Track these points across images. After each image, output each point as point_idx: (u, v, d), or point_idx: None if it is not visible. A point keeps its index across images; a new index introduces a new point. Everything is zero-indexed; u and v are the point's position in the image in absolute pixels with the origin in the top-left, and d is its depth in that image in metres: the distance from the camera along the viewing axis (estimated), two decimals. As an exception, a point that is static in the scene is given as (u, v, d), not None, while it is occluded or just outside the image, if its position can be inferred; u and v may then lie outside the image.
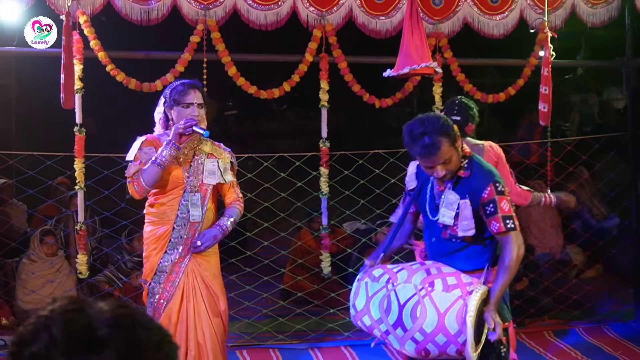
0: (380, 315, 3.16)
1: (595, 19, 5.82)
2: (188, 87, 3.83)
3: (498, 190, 3.19)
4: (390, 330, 3.13)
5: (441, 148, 3.15)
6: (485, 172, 3.26)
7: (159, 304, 3.82)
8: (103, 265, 6.07)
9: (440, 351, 3.05)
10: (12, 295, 5.79)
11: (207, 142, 3.93)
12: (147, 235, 3.89)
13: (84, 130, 5.04)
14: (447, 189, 3.29)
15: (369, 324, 3.23)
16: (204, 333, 3.80)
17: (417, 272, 3.16)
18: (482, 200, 3.19)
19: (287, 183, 5.75)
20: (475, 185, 3.22)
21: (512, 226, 3.18)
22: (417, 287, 3.09)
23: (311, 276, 6.09)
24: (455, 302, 3.01)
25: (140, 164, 3.75)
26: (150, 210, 3.89)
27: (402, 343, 3.10)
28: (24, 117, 9.03)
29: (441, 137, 3.15)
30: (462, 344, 2.99)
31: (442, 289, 3.05)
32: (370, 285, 3.25)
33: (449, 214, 3.26)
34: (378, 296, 3.19)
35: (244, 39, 5.66)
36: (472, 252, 3.29)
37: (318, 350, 5.39)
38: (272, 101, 10.65)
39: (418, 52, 4.51)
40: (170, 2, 5.09)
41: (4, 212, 6.11)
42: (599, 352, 5.41)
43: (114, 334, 1.08)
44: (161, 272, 3.82)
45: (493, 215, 3.17)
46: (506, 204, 3.19)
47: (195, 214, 3.82)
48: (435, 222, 3.34)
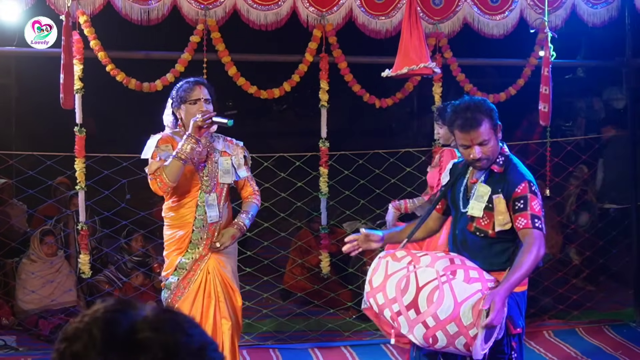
0: (395, 294, 3.10)
1: (595, 19, 5.82)
2: (193, 83, 3.84)
3: (532, 190, 3.20)
4: (402, 311, 3.07)
5: (482, 125, 3.21)
6: (521, 170, 3.28)
7: (174, 299, 3.86)
8: (103, 265, 6.07)
9: (449, 341, 3.01)
10: (12, 295, 5.79)
11: (219, 139, 3.93)
12: (167, 238, 3.91)
13: (84, 130, 5.04)
14: (479, 182, 3.30)
15: (381, 302, 3.16)
16: (222, 330, 3.82)
17: (441, 259, 3.13)
18: (514, 195, 3.19)
19: (287, 183, 5.75)
20: (510, 180, 3.23)
21: (539, 226, 3.15)
22: (439, 272, 3.05)
23: (311, 276, 6.10)
24: (474, 294, 2.98)
25: (160, 161, 3.74)
26: (168, 214, 3.90)
27: (412, 326, 3.05)
28: (24, 117, 9.02)
29: (484, 116, 3.22)
30: (472, 338, 2.95)
31: (463, 279, 3.02)
32: (391, 264, 3.20)
33: (478, 205, 3.26)
34: (397, 275, 3.14)
35: (244, 39, 5.66)
36: (494, 252, 3.27)
37: (318, 350, 5.39)
38: (272, 101, 10.65)
39: (417, 52, 4.51)
40: (170, 2, 5.09)
41: (4, 212, 6.11)
42: (599, 352, 5.41)
43: (153, 338, 1.06)
44: (181, 269, 3.85)
45: (522, 212, 3.17)
46: (537, 205, 3.18)
47: (212, 214, 3.83)
48: (464, 214, 3.34)
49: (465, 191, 3.37)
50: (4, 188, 6.36)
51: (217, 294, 3.83)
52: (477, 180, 3.32)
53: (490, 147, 3.24)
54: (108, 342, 1.06)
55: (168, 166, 3.69)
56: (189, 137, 3.69)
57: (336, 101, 5.63)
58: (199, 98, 3.80)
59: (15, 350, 5.32)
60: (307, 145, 5.93)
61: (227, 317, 3.83)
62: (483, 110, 3.24)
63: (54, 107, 5.12)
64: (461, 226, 3.36)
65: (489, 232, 3.26)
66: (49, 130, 8.76)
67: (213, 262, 3.86)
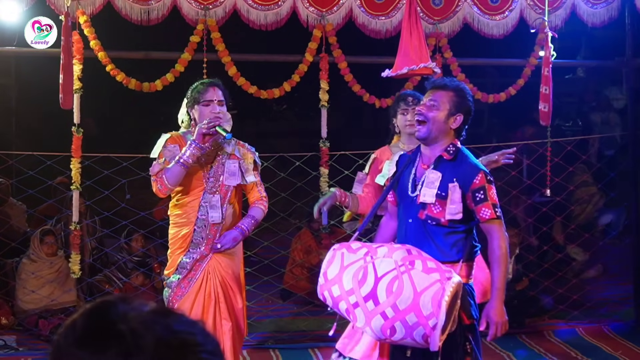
0: (352, 286, 3.07)
1: (595, 19, 5.82)
2: (207, 85, 3.85)
3: (487, 179, 3.24)
4: (360, 303, 3.04)
5: (444, 91, 3.29)
6: (473, 161, 3.31)
7: (174, 298, 3.86)
8: (103, 265, 6.07)
9: (407, 332, 2.98)
10: (12, 295, 5.79)
11: (229, 142, 3.93)
12: (172, 236, 3.93)
13: (81, 130, 5.04)
14: (429, 168, 3.30)
15: (336, 295, 3.12)
16: (222, 331, 3.83)
17: (398, 250, 3.12)
18: (472, 187, 3.21)
19: (287, 183, 5.75)
20: (465, 171, 3.25)
21: (500, 214, 3.24)
22: (398, 262, 3.03)
23: (311, 276, 6.09)
24: (433, 284, 2.96)
25: (164, 163, 3.77)
26: (174, 212, 3.92)
27: (370, 317, 3.02)
28: (24, 117, 9.03)
29: (450, 90, 3.29)
30: (432, 328, 2.93)
31: (422, 269, 3.01)
32: (347, 256, 3.16)
33: (430, 192, 3.26)
34: (354, 267, 3.11)
35: (244, 39, 5.66)
36: (446, 242, 3.26)
37: (318, 350, 5.39)
38: (272, 101, 10.64)
39: (416, 52, 4.51)
40: (170, 2, 5.09)
41: (3, 212, 6.11)
42: (599, 352, 5.41)
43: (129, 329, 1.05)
44: (182, 269, 3.86)
45: (483, 202, 3.21)
46: (494, 193, 3.25)
47: (214, 215, 3.83)
48: (414, 201, 3.32)
49: (414, 177, 3.36)
50: (1, 188, 6.36)
51: (217, 295, 3.84)
52: (427, 166, 3.33)
53: (438, 117, 3.26)
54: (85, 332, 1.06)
55: (170, 170, 3.71)
56: (192, 144, 3.71)
57: (336, 101, 5.63)
58: (212, 99, 3.80)
59: (15, 350, 5.32)
60: (307, 145, 5.93)
61: (227, 318, 3.83)
62: (455, 87, 3.32)
63: (54, 107, 5.12)
64: (412, 214, 3.33)
65: (441, 220, 3.25)
66: (49, 130, 8.76)
67: (214, 263, 3.86)
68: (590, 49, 8.22)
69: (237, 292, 3.91)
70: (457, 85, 3.36)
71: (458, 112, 3.28)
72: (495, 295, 3.20)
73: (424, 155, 3.37)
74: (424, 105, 3.31)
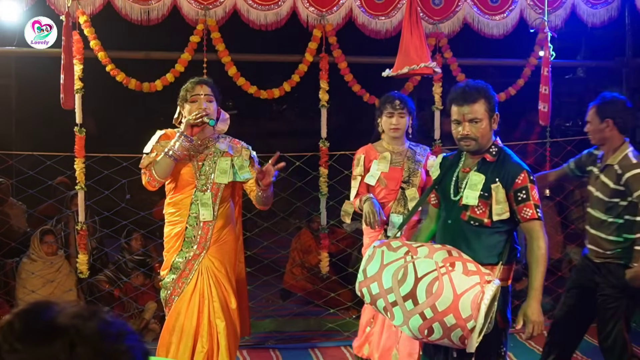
0: (392, 284, 3.07)
1: (595, 19, 5.83)
2: (195, 82, 3.89)
3: (530, 179, 3.23)
4: (398, 302, 3.05)
5: (476, 102, 3.24)
6: (517, 161, 3.30)
7: (170, 298, 3.88)
8: (103, 265, 6.07)
9: (445, 333, 2.99)
10: (12, 295, 5.79)
11: (224, 139, 3.94)
12: (166, 235, 3.94)
13: (83, 130, 5.05)
14: (473, 170, 3.31)
15: (375, 292, 3.13)
16: (217, 331, 3.83)
17: (439, 251, 3.12)
18: (514, 186, 3.21)
19: (287, 183, 5.75)
20: (508, 170, 3.24)
21: (541, 215, 3.23)
22: (438, 264, 3.04)
23: (311, 276, 6.10)
24: (473, 287, 2.97)
25: (155, 156, 3.79)
26: (168, 210, 3.93)
27: (408, 317, 3.03)
28: (24, 117, 9.04)
29: (481, 96, 3.26)
30: (470, 331, 2.94)
31: (462, 271, 3.01)
32: (387, 254, 3.17)
33: (472, 194, 3.26)
34: (394, 265, 3.11)
35: (244, 39, 5.66)
36: (488, 243, 3.26)
37: (318, 350, 5.39)
38: (272, 101, 10.65)
39: (417, 52, 4.51)
40: (170, 2, 5.09)
41: (3, 212, 6.11)
42: (599, 352, 5.41)
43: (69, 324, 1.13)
44: (176, 269, 3.86)
45: (525, 202, 3.20)
46: (537, 194, 3.24)
47: (205, 213, 3.83)
48: (455, 204, 3.32)
49: (457, 181, 3.36)
50: (1, 188, 6.36)
51: (211, 295, 3.84)
52: (469, 169, 3.33)
53: (481, 128, 3.25)
54: (27, 329, 1.12)
55: (158, 162, 3.74)
56: (181, 136, 3.73)
57: (336, 101, 5.63)
58: (199, 94, 3.82)
59: (15, 350, 5.31)
60: (307, 145, 5.93)
61: (221, 317, 3.83)
62: (482, 90, 3.28)
63: (54, 107, 5.13)
64: (454, 216, 3.33)
65: (484, 221, 3.25)
66: (49, 130, 8.77)
67: (207, 262, 3.87)
68: (590, 49, 8.22)
69: (230, 292, 3.90)
70: (481, 88, 3.31)
71: (494, 112, 3.30)
72: (532, 295, 3.20)
73: (467, 158, 3.38)
74: (465, 122, 3.26)
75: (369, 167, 4.37)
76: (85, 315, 1.16)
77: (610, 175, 4.07)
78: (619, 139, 4.10)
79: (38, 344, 1.10)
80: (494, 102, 3.31)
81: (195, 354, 3.80)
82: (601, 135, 4.12)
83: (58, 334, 1.12)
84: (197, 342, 3.81)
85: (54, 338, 1.11)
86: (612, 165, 4.06)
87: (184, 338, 3.79)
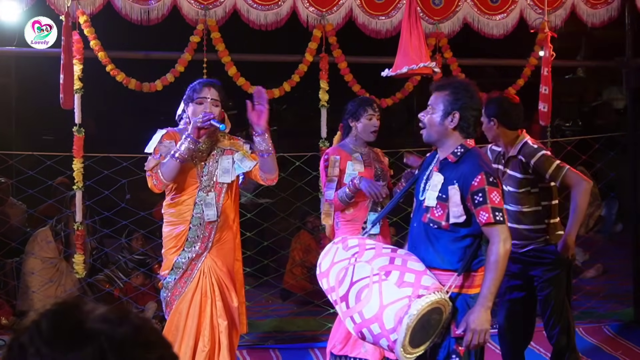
0: (334, 284, 3.11)
1: (595, 19, 5.83)
2: (203, 84, 3.87)
3: (489, 181, 3.06)
4: (337, 301, 3.10)
5: (439, 91, 3.21)
6: (477, 162, 3.14)
7: (172, 299, 3.87)
8: (103, 265, 6.07)
9: (374, 340, 3.00)
10: (12, 295, 5.79)
11: (224, 137, 3.94)
12: (165, 235, 3.93)
13: (82, 130, 5.05)
14: (435, 171, 3.23)
15: (326, 288, 3.21)
16: (219, 330, 3.83)
17: (382, 257, 3.06)
18: (471, 189, 3.07)
19: (287, 183, 5.75)
20: (465, 171, 3.11)
21: (500, 219, 3.04)
22: (374, 271, 2.99)
23: (311, 276, 6.09)
24: (400, 300, 2.90)
25: (160, 158, 3.77)
26: (168, 211, 3.91)
27: (344, 317, 3.08)
28: (24, 117, 9.03)
29: (449, 90, 3.20)
30: (393, 342, 2.91)
31: (395, 282, 2.94)
32: (339, 252, 3.18)
33: (432, 195, 3.18)
34: (340, 265, 3.12)
35: (244, 39, 5.66)
36: (446, 248, 3.15)
37: (318, 350, 5.39)
38: (272, 101, 10.65)
39: (416, 52, 4.51)
40: (170, 2, 5.09)
41: (3, 212, 6.11)
42: (599, 352, 5.41)
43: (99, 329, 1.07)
44: (177, 269, 3.86)
45: (482, 205, 3.04)
46: (496, 196, 3.06)
47: (209, 213, 3.83)
48: (421, 204, 3.25)
49: (426, 180, 3.29)
50: (1, 188, 6.36)
51: (213, 294, 3.84)
52: (437, 168, 3.25)
53: (431, 117, 3.21)
54: (55, 332, 1.07)
55: (164, 165, 3.72)
56: (187, 138, 3.71)
57: (336, 101, 5.62)
58: (206, 97, 3.81)
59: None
60: (307, 145, 5.93)
61: (223, 316, 3.84)
62: (450, 86, 3.22)
63: (54, 107, 5.13)
64: (418, 217, 3.26)
65: (442, 224, 3.14)
66: (49, 130, 8.77)
67: (209, 261, 3.87)
68: (590, 49, 8.23)
69: (232, 290, 3.91)
70: (454, 83, 3.27)
71: (453, 110, 3.17)
72: (479, 302, 3.04)
73: (438, 158, 3.29)
74: (422, 113, 3.27)
75: (344, 168, 4.40)
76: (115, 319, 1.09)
77: (514, 166, 4.13)
78: (511, 133, 4.17)
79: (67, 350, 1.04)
80: (458, 102, 3.17)
81: (197, 353, 3.81)
82: (492, 134, 4.21)
83: (88, 339, 1.05)
84: (199, 341, 3.82)
85: (84, 344, 1.05)
86: (515, 157, 4.12)
87: (185, 338, 3.80)
